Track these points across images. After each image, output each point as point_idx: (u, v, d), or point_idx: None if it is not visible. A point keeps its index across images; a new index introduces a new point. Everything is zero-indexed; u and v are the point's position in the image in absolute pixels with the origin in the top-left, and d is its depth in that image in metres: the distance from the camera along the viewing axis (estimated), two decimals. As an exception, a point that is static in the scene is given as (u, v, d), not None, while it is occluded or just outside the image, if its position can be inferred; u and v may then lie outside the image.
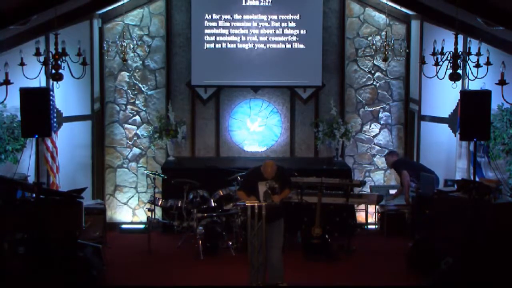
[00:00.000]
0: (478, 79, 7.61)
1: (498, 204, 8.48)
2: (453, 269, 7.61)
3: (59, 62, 7.38)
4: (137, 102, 11.51)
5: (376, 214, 11.05)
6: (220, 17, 11.16)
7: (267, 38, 11.20)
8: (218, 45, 11.20)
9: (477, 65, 7.42)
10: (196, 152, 11.56)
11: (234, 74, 11.27)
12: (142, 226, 11.07)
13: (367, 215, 11.15)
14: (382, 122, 11.61)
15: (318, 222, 9.28)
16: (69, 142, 10.71)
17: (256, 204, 7.82)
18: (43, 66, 7.68)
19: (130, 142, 11.56)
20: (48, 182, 9.94)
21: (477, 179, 9.11)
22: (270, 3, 11.15)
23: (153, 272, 8.87)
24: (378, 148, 11.62)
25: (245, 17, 11.16)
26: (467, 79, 9.49)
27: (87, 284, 7.78)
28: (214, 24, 11.17)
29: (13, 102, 8.96)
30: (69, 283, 7.57)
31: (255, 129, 11.59)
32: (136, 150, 11.58)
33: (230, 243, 9.60)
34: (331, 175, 9.82)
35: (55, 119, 9.71)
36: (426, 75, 8.24)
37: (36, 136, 8.64)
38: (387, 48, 10.14)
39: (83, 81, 9.57)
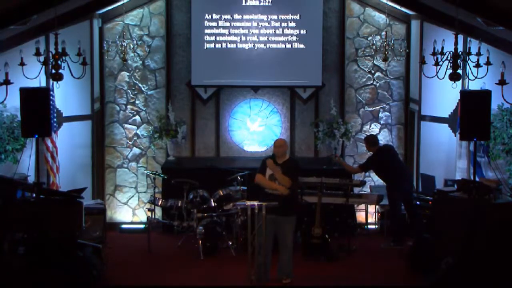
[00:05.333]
0: (478, 79, 7.62)
1: (498, 204, 8.48)
2: (453, 269, 7.61)
3: (59, 62, 7.39)
4: (137, 102, 11.51)
5: (376, 214, 11.05)
6: (220, 17, 11.16)
7: (267, 38, 11.20)
8: (218, 45, 11.20)
9: (477, 65, 7.43)
10: (196, 152, 11.55)
11: (234, 74, 11.27)
12: (142, 226, 11.07)
13: (367, 215, 11.15)
14: (382, 122, 11.61)
15: (318, 222, 9.28)
16: (69, 142, 10.71)
17: (256, 204, 7.86)
18: (43, 66, 7.68)
19: (130, 142, 11.56)
20: (48, 182, 9.94)
21: (477, 179, 9.11)
22: (270, 3, 11.15)
23: (153, 272, 8.87)
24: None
25: (245, 17, 11.16)
26: (467, 79, 9.49)
27: (87, 284, 7.78)
28: (214, 24, 11.17)
29: (13, 102, 8.97)
30: (69, 283, 7.57)
31: (255, 129, 11.59)
32: (136, 150, 11.58)
33: (230, 243, 9.60)
34: (331, 175, 9.81)
35: (55, 119, 9.71)
36: (426, 75, 8.24)
37: (36, 136, 8.64)
38: (387, 48, 10.15)
39: (83, 81, 9.57)
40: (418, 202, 10.28)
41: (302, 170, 9.96)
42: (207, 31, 11.17)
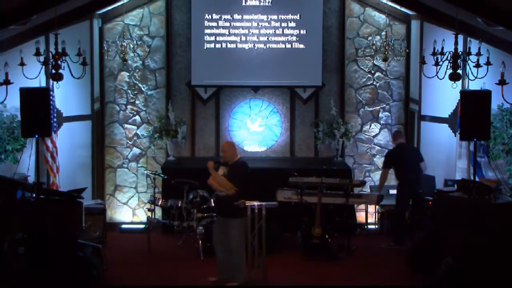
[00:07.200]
0: (478, 79, 7.62)
1: (498, 204, 8.47)
2: (453, 269, 7.61)
3: (59, 62, 7.39)
4: (137, 102, 11.51)
5: (376, 214, 11.05)
6: (220, 17, 11.16)
7: (267, 38, 11.20)
8: (218, 45, 11.20)
9: (477, 65, 7.43)
10: (196, 152, 11.55)
11: (234, 74, 11.27)
12: (142, 226, 11.07)
13: (367, 215, 11.15)
14: (382, 122, 11.61)
15: (318, 222, 9.28)
16: (69, 142, 10.71)
17: (256, 204, 7.86)
18: (43, 66, 7.68)
19: (130, 142, 11.56)
20: (48, 182, 9.94)
21: (477, 179, 9.11)
22: (270, 3, 11.15)
23: (153, 272, 8.87)
24: (378, 148, 11.62)
25: (245, 17, 11.16)
26: (467, 79, 9.49)
27: (87, 284, 7.78)
28: (214, 24, 11.17)
29: (13, 102, 8.97)
30: (69, 283, 7.57)
31: (255, 129, 11.59)
32: (136, 150, 11.58)
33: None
34: (331, 175, 9.82)
35: (55, 119, 9.71)
36: (426, 75, 8.24)
37: (36, 136, 8.64)
38: (387, 48, 10.14)
39: (83, 81, 9.57)
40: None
41: (302, 170, 10.04)
42: (207, 31, 11.17)
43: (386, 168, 10.21)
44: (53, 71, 7.40)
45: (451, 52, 7.36)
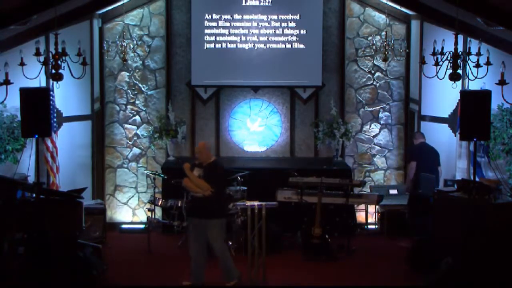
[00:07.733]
0: (478, 79, 7.62)
1: (498, 204, 8.47)
2: (453, 269, 7.61)
3: (59, 62, 7.39)
4: (137, 102, 11.51)
5: (376, 214, 11.05)
6: (220, 17, 11.16)
7: (267, 38, 11.20)
8: (218, 45, 11.20)
9: (477, 65, 7.43)
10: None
11: (234, 74, 11.27)
12: (142, 226, 11.07)
13: (367, 215, 11.15)
14: (382, 122, 11.61)
15: (318, 222, 9.28)
16: (69, 142, 10.71)
17: (256, 204, 7.84)
18: (43, 66, 7.68)
19: (130, 142, 11.56)
20: (48, 182, 9.94)
21: (477, 179, 9.11)
22: (270, 3, 11.15)
23: (153, 272, 8.87)
24: (378, 148, 11.62)
25: (245, 17, 11.16)
26: (467, 79, 9.50)
27: (87, 284, 7.78)
28: (214, 24, 11.17)
29: (13, 102, 8.97)
30: (69, 283, 7.57)
31: (255, 129, 11.59)
32: (136, 150, 11.58)
33: (230, 243, 9.58)
34: (331, 175, 9.82)
35: (55, 119, 9.71)
36: (426, 75, 8.24)
37: (36, 136, 8.64)
38: (387, 48, 10.14)
39: (83, 81, 9.57)
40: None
41: (302, 170, 10.04)
42: (207, 31, 11.17)
43: (412, 162, 10.32)
44: (53, 71, 7.40)
45: (451, 52, 7.36)
